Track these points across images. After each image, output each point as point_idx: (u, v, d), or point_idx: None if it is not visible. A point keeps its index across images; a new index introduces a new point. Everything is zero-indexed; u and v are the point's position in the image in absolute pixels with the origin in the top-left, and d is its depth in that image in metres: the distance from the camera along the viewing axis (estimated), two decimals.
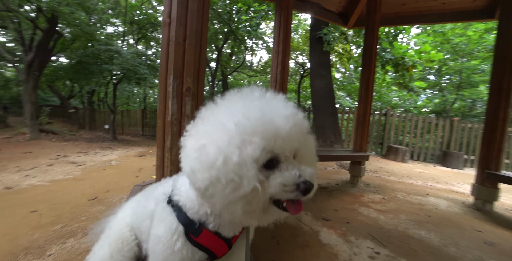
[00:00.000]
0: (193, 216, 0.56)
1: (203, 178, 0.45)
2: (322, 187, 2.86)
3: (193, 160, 0.47)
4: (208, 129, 0.48)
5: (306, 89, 13.15)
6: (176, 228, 0.55)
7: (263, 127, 0.46)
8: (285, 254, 1.44)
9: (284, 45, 2.83)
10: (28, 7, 7.47)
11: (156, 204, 0.61)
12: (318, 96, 5.16)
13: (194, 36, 1.15)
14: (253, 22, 6.27)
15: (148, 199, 0.67)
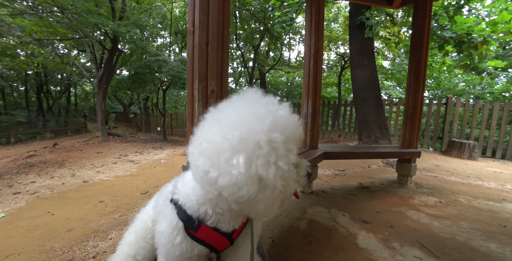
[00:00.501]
0: (192, 214, 0.59)
1: (250, 190, 0.45)
2: (363, 187, 2.64)
3: (242, 175, 0.44)
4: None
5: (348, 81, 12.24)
6: (176, 224, 0.59)
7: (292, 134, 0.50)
8: (316, 255, 1.39)
9: (316, 37, 2.68)
10: (98, 32, 8.96)
11: (163, 201, 0.66)
12: (360, 87, 4.73)
13: (216, 40, 1.19)
14: (287, 17, 6.14)
15: (160, 196, 0.74)
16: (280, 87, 15.38)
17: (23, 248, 1.64)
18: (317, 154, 2.33)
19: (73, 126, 16.13)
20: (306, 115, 2.68)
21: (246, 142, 0.44)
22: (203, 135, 0.50)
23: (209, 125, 0.50)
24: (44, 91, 18.20)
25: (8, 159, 5.88)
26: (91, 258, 1.52)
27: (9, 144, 11.48)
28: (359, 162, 3.94)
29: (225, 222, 0.59)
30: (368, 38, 4.76)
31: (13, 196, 2.76)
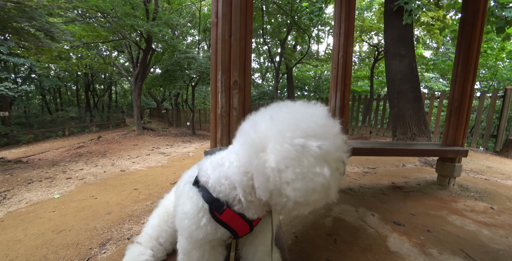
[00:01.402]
0: (220, 197, 0.60)
1: (320, 196, 0.51)
2: (396, 186, 2.43)
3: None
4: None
5: (382, 74, 11.34)
6: (202, 206, 0.60)
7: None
8: (342, 254, 1.32)
9: (346, 26, 2.51)
10: (134, 33, 9.65)
11: (184, 185, 0.67)
12: (395, 80, 4.32)
13: (239, 30, 1.17)
14: (316, 7, 5.86)
15: (181, 181, 0.75)
16: (307, 82, 14.89)
17: (73, 225, 1.86)
18: None
19: (114, 121, 17.80)
20: (334, 109, 2.54)
21: (329, 155, 0.50)
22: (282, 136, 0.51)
23: (288, 127, 0.51)
24: (91, 89, 20.33)
25: (63, 149, 6.72)
26: (126, 239, 1.66)
27: (64, 136, 13.13)
28: (392, 160, 3.65)
29: (251, 210, 0.59)
30: (407, 25, 4.30)
31: (66, 180, 3.15)
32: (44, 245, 1.61)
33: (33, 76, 14.42)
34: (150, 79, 11.07)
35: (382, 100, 6.55)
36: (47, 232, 1.77)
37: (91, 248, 1.57)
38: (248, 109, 1.18)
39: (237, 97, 1.14)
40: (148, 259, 0.69)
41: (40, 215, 2.08)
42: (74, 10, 9.18)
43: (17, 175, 3.53)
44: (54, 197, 2.54)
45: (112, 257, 1.47)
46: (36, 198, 2.54)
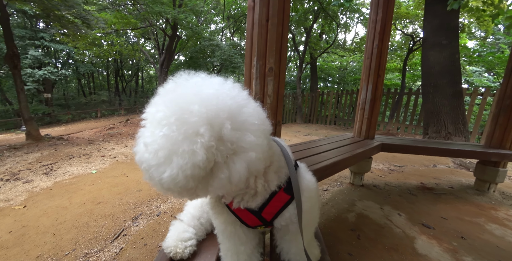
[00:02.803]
0: None
1: None
2: (426, 187, 2.30)
3: None
4: None
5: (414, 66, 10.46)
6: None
7: None
8: (365, 251, 1.30)
9: (384, 12, 2.31)
10: (160, 21, 9.85)
11: None
12: (433, 73, 3.96)
13: (276, 15, 1.13)
14: None
15: None
16: (332, 72, 14.24)
17: (108, 199, 2.03)
18: (373, 145, 2.11)
19: (140, 105, 18.73)
20: (364, 101, 2.42)
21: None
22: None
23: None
24: (120, 75, 21.39)
25: (96, 129, 7.26)
26: (155, 216, 1.79)
27: (97, 118, 14.15)
28: (421, 159, 3.44)
29: (238, 197, 0.56)
30: (452, 11, 3.84)
31: (100, 158, 3.42)
32: (86, 213, 1.79)
33: (70, 62, 15.47)
34: (174, 66, 11.35)
35: (413, 95, 6.10)
36: (87, 203, 1.96)
37: (125, 221, 1.71)
38: (281, 97, 1.16)
39: (271, 84, 1.12)
40: (191, 236, 0.73)
41: (81, 187, 2.30)
42: None
43: (60, 150, 3.90)
44: (92, 172, 2.78)
45: (144, 230, 1.59)
46: (77, 172, 2.80)
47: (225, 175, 0.43)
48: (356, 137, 2.47)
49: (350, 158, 1.68)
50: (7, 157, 3.55)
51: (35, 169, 2.95)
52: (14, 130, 10.70)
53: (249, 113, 0.46)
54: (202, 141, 0.40)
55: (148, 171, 0.43)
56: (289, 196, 0.56)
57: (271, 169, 0.55)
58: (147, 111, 0.47)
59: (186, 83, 0.48)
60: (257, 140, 0.45)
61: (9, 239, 1.50)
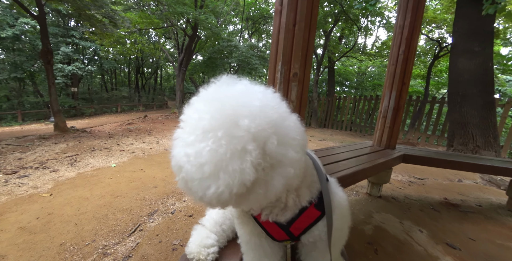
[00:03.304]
0: None
1: None
2: (450, 203, 2.17)
3: None
4: None
5: (439, 73, 9.96)
6: None
7: None
8: None
9: (413, 17, 2.22)
10: (181, 21, 10.14)
11: None
12: (461, 81, 3.74)
13: (304, 20, 1.12)
14: None
15: None
16: (350, 77, 13.91)
17: (126, 193, 2.11)
18: (395, 156, 2.03)
19: (157, 102, 19.34)
20: (387, 109, 2.33)
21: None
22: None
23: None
24: (140, 72, 22.24)
25: (116, 124, 7.58)
26: (169, 213, 1.83)
27: (117, 112, 14.79)
28: (444, 172, 3.25)
29: (267, 210, 0.54)
30: (486, 16, 3.61)
31: (120, 152, 3.56)
32: (105, 206, 1.86)
33: (96, 58, 16.31)
34: (192, 65, 11.61)
35: (437, 103, 5.80)
36: (107, 195, 2.05)
37: (141, 216, 1.76)
38: (304, 103, 1.14)
39: (295, 90, 1.11)
40: (214, 243, 0.73)
41: (101, 180, 2.41)
42: None
43: (83, 142, 4.12)
44: (111, 165, 2.90)
45: (159, 227, 1.63)
46: (98, 164, 2.94)
47: (262, 191, 0.42)
48: (376, 146, 2.38)
49: (371, 168, 1.62)
50: (37, 146, 3.80)
51: (61, 159, 3.12)
52: (43, 120, 11.45)
53: (290, 126, 0.44)
54: (251, 159, 0.39)
55: (187, 182, 0.42)
56: (320, 212, 0.54)
57: (303, 184, 0.53)
58: (187, 113, 0.46)
59: (231, 91, 0.46)
60: (297, 156, 0.43)
61: (36, 225, 1.60)
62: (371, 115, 7.72)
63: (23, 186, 2.25)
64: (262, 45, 14.17)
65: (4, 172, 2.59)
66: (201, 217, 1.82)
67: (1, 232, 1.52)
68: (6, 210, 1.80)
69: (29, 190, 2.17)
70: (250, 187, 0.41)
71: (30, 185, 2.28)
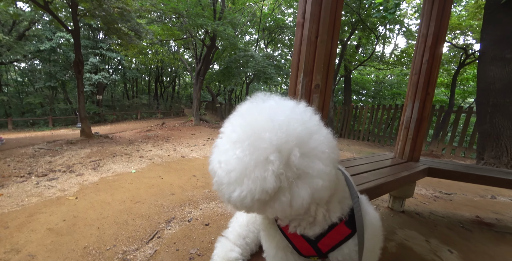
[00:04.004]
0: None
1: None
2: (483, 222, 2.00)
3: None
4: None
5: (464, 82, 9.46)
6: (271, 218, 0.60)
7: None
8: None
9: (437, 25, 2.16)
10: (200, 32, 10.61)
11: None
12: (492, 90, 3.52)
13: (326, 32, 1.13)
14: (391, 4, 5.27)
15: None
16: (367, 86, 13.61)
17: (145, 199, 2.16)
18: (419, 169, 1.92)
19: (175, 110, 20.02)
20: (409, 120, 2.24)
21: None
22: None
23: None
24: (159, 81, 23.31)
25: (136, 130, 7.92)
26: (186, 221, 1.84)
27: (137, 119, 15.49)
28: (475, 188, 3.02)
29: (295, 222, 0.55)
30: None
31: (139, 158, 3.70)
32: (125, 211, 1.92)
33: (120, 68, 17.39)
34: (209, 74, 11.98)
35: (464, 113, 5.47)
36: (127, 201, 2.11)
37: (159, 223, 1.79)
38: (325, 115, 1.13)
39: (317, 102, 1.10)
40: (237, 256, 0.73)
41: (122, 185, 2.50)
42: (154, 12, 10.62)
43: (106, 148, 4.33)
44: (131, 171, 3.01)
45: (176, 235, 1.64)
46: (119, 170, 3.06)
47: (286, 199, 0.44)
48: (398, 158, 2.28)
49: (394, 182, 1.55)
50: (65, 150, 4.05)
51: (86, 163, 3.30)
52: (71, 126, 12.24)
53: (319, 140, 0.46)
54: (273, 169, 0.42)
55: (219, 185, 0.47)
56: (350, 230, 0.53)
57: (334, 199, 0.53)
58: (225, 126, 0.52)
59: (261, 107, 0.51)
60: (325, 168, 0.44)
61: (63, 226, 1.68)
62: (390, 125, 7.44)
63: (52, 189, 2.39)
64: (277, 55, 14.39)
65: (36, 175, 2.78)
66: (217, 226, 1.82)
67: (32, 232, 1.61)
68: (37, 211, 1.91)
69: (57, 192, 2.29)
70: (274, 195, 0.44)
71: (58, 188, 2.41)
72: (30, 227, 1.68)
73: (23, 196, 2.20)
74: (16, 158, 3.56)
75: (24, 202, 2.08)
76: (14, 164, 3.24)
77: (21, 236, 1.57)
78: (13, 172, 2.91)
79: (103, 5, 5.70)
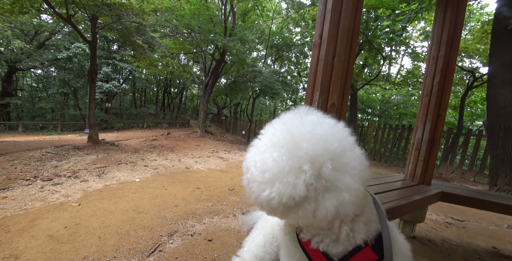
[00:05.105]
0: None
1: None
2: (502, 255, 1.88)
3: None
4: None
5: (473, 104, 9.44)
6: (293, 233, 0.60)
7: None
8: None
9: (448, 48, 2.21)
10: (209, 47, 11.05)
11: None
12: (503, 114, 3.49)
13: (344, 52, 1.16)
14: (397, 27, 5.45)
15: None
16: (373, 105, 13.67)
17: (148, 210, 2.12)
18: (432, 193, 1.86)
19: (180, 121, 20.25)
20: (420, 142, 2.21)
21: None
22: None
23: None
24: (167, 92, 23.88)
25: (141, 139, 7.97)
26: (189, 235, 1.78)
27: (143, 128, 15.67)
28: (489, 215, 2.88)
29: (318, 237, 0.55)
30: None
31: (144, 167, 3.68)
32: (128, 221, 1.87)
33: (130, 78, 17.97)
34: (217, 88, 12.25)
35: (474, 136, 5.39)
36: (130, 210, 2.07)
37: (161, 235, 1.73)
38: None
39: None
40: None
41: (125, 194, 2.46)
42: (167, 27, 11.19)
43: (111, 155, 4.34)
44: (136, 180, 2.98)
45: (178, 249, 1.58)
46: (124, 178, 3.04)
47: (311, 207, 0.46)
48: (408, 180, 2.22)
49: (407, 206, 1.49)
50: (71, 155, 4.07)
51: (91, 170, 3.29)
52: (78, 132, 12.42)
53: (352, 157, 0.48)
54: (305, 178, 0.44)
55: (250, 182, 0.50)
56: (377, 256, 0.50)
57: (360, 219, 0.51)
58: (266, 128, 0.56)
59: (304, 118, 0.54)
60: (354, 184, 0.46)
61: (64, 234, 1.64)
62: (397, 145, 7.34)
63: (56, 194, 2.37)
64: (284, 71, 14.76)
65: (41, 179, 2.78)
66: (221, 243, 1.75)
67: (33, 238, 1.57)
68: (39, 216, 1.88)
69: (61, 198, 2.27)
70: (300, 202, 0.46)
71: (62, 193, 2.39)
72: (31, 232, 1.64)
73: (27, 200, 2.18)
74: (23, 161, 3.58)
75: (27, 206, 2.05)
76: (21, 167, 3.25)
77: (21, 241, 1.53)
78: (19, 175, 2.92)
79: (121, 19, 6.04)
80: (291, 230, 0.60)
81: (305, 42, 13.66)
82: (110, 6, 5.63)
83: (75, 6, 5.67)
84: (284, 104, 19.80)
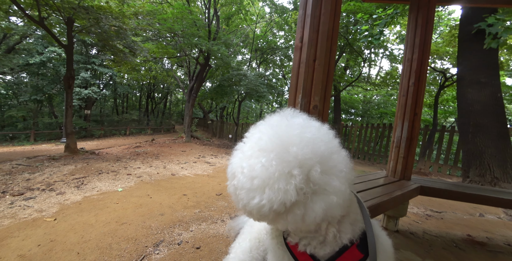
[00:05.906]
0: None
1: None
2: (475, 241, 2.00)
3: None
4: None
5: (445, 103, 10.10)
6: (280, 237, 0.60)
7: None
8: None
9: (421, 51, 2.35)
10: (194, 50, 10.95)
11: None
12: (472, 111, 3.76)
13: (324, 56, 1.19)
14: (375, 31, 5.72)
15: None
16: (356, 105, 14.18)
17: (132, 220, 2.02)
18: (412, 187, 1.95)
19: (165, 126, 19.74)
20: (399, 140, 2.31)
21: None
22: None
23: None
24: (151, 97, 23.25)
25: (124, 146, 7.66)
26: (176, 245, 1.72)
27: (125, 135, 15.07)
28: (464, 206, 3.06)
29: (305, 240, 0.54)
30: (490, 50, 3.80)
31: (127, 176, 3.53)
32: (110, 234, 1.78)
33: (111, 83, 17.30)
34: (202, 92, 12.12)
35: (447, 132, 5.74)
36: (112, 222, 1.97)
37: (146, 246, 1.66)
38: None
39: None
40: None
41: (107, 205, 2.34)
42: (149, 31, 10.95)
43: (91, 164, 4.12)
44: (118, 190, 2.84)
45: (164, 259, 1.52)
46: (105, 188, 2.89)
47: (300, 212, 0.45)
48: (390, 176, 2.31)
49: (390, 201, 1.55)
50: (46, 166, 3.81)
51: (68, 181, 3.10)
52: (54, 141, 11.69)
53: (338, 160, 0.48)
54: (295, 183, 0.44)
55: (237, 189, 0.48)
56: (362, 255, 0.51)
57: (346, 220, 0.52)
58: (252, 132, 0.54)
59: (291, 121, 0.53)
60: (341, 186, 0.46)
61: (37, 253, 1.52)
62: (379, 143, 7.64)
63: (28, 209, 2.20)
64: (269, 74, 14.93)
65: (11, 194, 2.57)
66: (209, 250, 1.71)
67: (0, 260, 1.44)
68: (8, 235, 1.73)
69: (34, 213, 2.11)
70: (290, 208, 0.45)
71: (35, 208, 2.23)
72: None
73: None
74: None
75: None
76: None
77: None
78: None
79: (100, 23, 5.83)
80: (278, 234, 0.59)
81: (289, 45, 13.94)
82: (88, 9, 5.41)
83: (49, 9, 5.38)
84: (270, 107, 20.00)
